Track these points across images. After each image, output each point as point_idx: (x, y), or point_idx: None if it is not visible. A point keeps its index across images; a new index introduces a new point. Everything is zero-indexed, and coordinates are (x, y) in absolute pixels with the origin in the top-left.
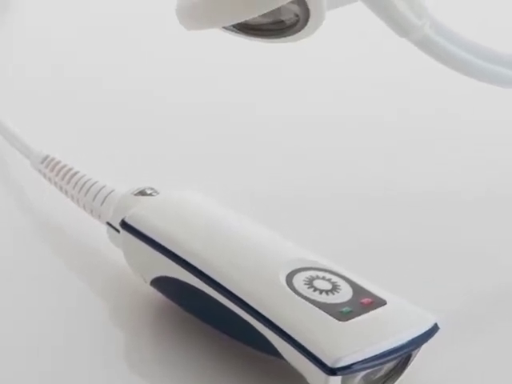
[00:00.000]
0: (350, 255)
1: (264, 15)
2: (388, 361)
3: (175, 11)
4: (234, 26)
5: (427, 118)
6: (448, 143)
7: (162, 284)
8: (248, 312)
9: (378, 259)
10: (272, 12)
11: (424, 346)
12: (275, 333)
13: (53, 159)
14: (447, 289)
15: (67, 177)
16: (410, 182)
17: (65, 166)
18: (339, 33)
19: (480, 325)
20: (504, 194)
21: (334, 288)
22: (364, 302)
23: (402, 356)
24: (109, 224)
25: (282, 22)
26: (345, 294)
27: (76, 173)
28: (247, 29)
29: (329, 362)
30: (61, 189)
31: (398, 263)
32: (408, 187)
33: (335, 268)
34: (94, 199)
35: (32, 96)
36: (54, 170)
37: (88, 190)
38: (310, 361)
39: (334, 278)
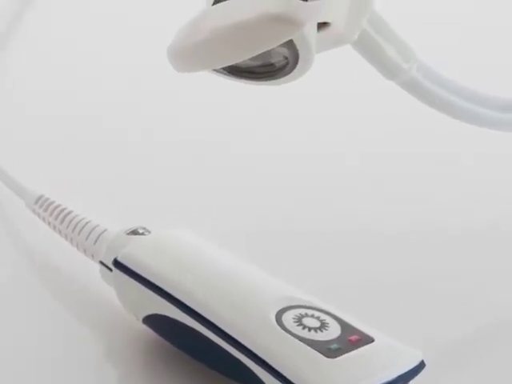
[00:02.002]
0: (339, 292)
1: (254, 58)
2: None
3: (166, 53)
4: (224, 68)
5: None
6: (435, 181)
7: (154, 321)
8: (238, 349)
9: (367, 296)
10: (262, 55)
11: (410, 383)
12: (265, 370)
13: (47, 199)
14: (433, 326)
15: (61, 216)
16: (398, 220)
17: (58, 205)
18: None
19: (466, 362)
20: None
21: (323, 325)
22: (352, 340)
23: None
24: (102, 263)
25: (272, 64)
26: (333, 331)
27: (69, 212)
28: (237, 71)
29: None
30: (54, 228)
31: (385, 300)
32: (396, 224)
33: (324, 306)
34: (87, 239)
35: (27, 135)
36: (48, 210)
37: (81, 230)
38: None
39: (323, 316)
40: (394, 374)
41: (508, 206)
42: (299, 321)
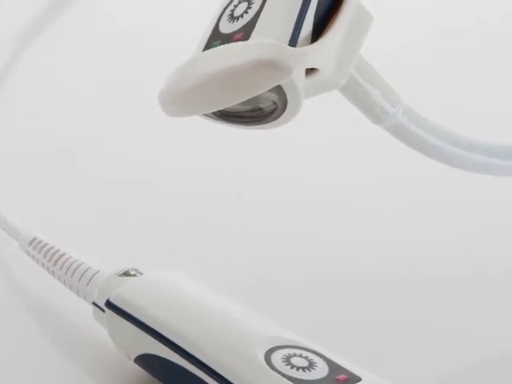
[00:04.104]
0: (327, 333)
1: (243, 103)
2: None
3: (157, 98)
4: (213, 113)
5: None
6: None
7: (146, 361)
8: None
9: (353, 338)
10: (251, 100)
11: None
12: None
13: (40, 241)
14: (420, 366)
15: (54, 258)
16: (384, 265)
17: (52, 247)
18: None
19: None
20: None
21: (311, 365)
22: (339, 379)
23: None
24: (94, 304)
25: (261, 109)
26: (321, 370)
27: (63, 254)
28: (227, 116)
29: None
30: (48, 269)
31: (372, 341)
32: (381, 269)
33: (312, 346)
34: (80, 280)
35: (21, 176)
36: (42, 252)
37: (74, 272)
38: None
39: (311, 356)
40: None
41: (494, 249)
42: (288, 360)
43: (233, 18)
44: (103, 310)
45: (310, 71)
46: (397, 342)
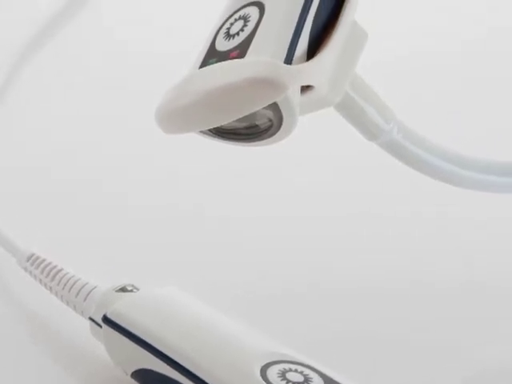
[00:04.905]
0: (323, 348)
1: (239, 120)
2: None
3: (154, 115)
4: (210, 130)
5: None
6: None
7: (142, 376)
8: None
9: (351, 349)
10: (247, 117)
11: None
12: None
13: (38, 257)
14: (417, 379)
15: (51, 274)
16: (381, 276)
17: (49, 263)
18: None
19: None
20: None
21: (306, 380)
22: None
23: None
24: (91, 319)
25: (257, 126)
26: None
27: (60, 270)
28: (223, 133)
29: None
30: (45, 285)
31: (369, 353)
32: (379, 280)
33: (307, 361)
34: (77, 296)
35: (18, 192)
36: (39, 268)
37: (71, 287)
38: None
39: (306, 371)
40: None
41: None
42: (283, 375)
43: (229, 35)
44: (100, 326)
45: (305, 88)
46: (395, 353)
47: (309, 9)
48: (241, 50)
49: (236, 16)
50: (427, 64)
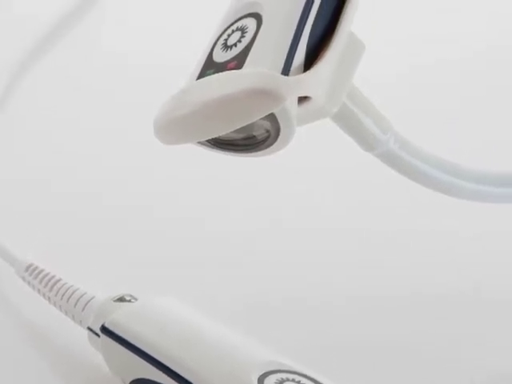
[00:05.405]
0: (320, 358)
1: (237, 131)
2: None
3: (152, 126)
4: (208, 140)
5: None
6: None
7: None
8: None
9: (346, 362)
10: (245, 127)
11: None
12: None
13: (36, 267)
14: None
15: (50, 284)
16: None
17: (48, 273)
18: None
19: None
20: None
21: None
22: None
23: None
24: (89, 329)
25: (254, 137)
26: None
27: (58, 280)
28: (221, 143)
29: None
30: (44, 295)
31: (364, 366)
32: (379, 289)
33: (305, 371)
34: (75, 305)
35: (16, 202)
36: (38, 278)
37: (70, 297)
38: None
39: (303, 380)
40: None
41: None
42: None
43: (226, 47)
44: (98, 335)
45: (302, 99)
46: (393, 363)
47: (306, 20)
48: (238, 61)
49: (234, 27)
50: (423, 75)
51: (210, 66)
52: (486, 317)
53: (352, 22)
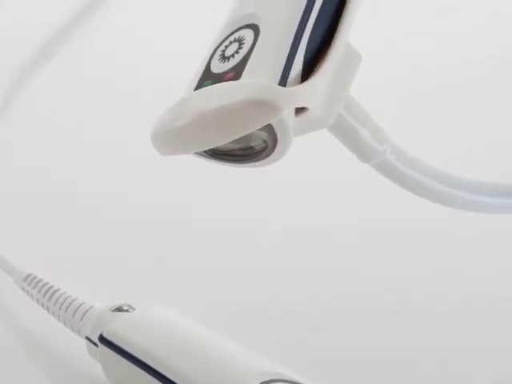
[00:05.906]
0: (320, 368)
1: (234, 141)
2: None
3: (150, 136)
4: (205, 151)
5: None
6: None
7: None
8: None
9: (346, 372)
10: (242, 138)
11: None
12: None
13: (35, 277)
14: None
15: (48, 294)
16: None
17: (46, 283)
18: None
19: None
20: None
21: None
22: None
23: None
24: (88, 339)
25: (251, 147)
26: None
27: (57, 290)
28: (218, 154)
29: None
30: (42, 305)
31: (364, 377)
32: (376, 300)
33: (303, 380)
34: (73, 315)
35: (15, 212)
36: (36, 288)
37: (68, 307)
38: None
39: None
40: None
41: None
42: None
43: (224, 57)
44: (97, 345)
45: (299, 110)
46: (392, 375)
47: (303, 31)
48: (236, 72)
49: (231, 38)
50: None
51: (208, 77)
52: (487, 321)
53: (349, 33)
